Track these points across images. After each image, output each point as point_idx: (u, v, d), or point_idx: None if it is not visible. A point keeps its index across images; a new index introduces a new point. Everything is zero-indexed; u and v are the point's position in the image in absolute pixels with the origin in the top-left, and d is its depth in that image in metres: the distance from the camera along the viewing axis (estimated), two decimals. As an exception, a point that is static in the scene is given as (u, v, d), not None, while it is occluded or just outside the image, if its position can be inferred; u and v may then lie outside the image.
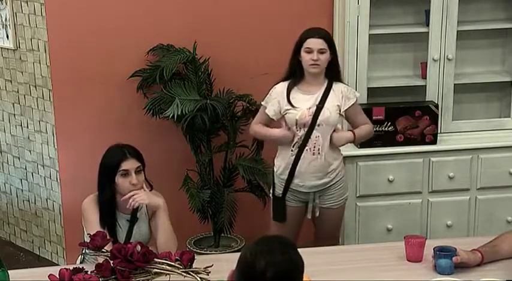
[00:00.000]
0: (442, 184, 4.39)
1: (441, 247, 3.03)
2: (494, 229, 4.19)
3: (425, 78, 4.42)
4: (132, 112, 4.51)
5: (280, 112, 3.81)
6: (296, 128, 3.77)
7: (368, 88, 4.37)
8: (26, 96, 4.78)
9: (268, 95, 3.87)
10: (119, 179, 3.22)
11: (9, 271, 2.76)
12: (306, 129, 3.75)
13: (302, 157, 3.78)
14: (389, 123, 4.31)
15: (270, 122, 3.89)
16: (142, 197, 3.21)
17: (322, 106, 3.76)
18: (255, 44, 4.54)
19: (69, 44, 4.43)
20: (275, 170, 3.91)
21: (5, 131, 5.02)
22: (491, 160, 4.39)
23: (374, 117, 4.28)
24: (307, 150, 3.78)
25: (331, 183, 3.85)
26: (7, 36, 4.75)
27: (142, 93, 4.45)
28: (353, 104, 3.83)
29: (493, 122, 4.57)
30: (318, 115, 3.74)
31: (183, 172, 4.44)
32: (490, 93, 4.71)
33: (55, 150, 4.64)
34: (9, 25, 4.69)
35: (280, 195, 3.88)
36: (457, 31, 4.34)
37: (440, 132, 4.41)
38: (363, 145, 4.29)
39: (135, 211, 3.31)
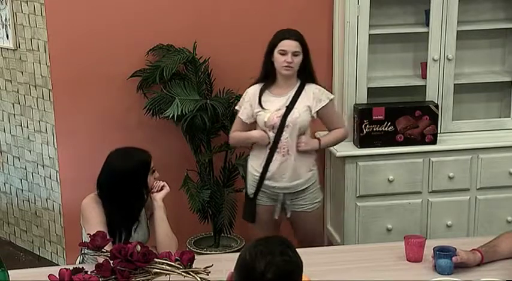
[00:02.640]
0: (442, 184, 4.38)
1: (441, 247, 3.03)
2: (494, 229, 4.19)
3: (425, 78, 4.42)
4: (132, 112, 4.51)
5: (252, 115, 3.82)
6: (266, 129, 3.78)
7: (368, 88, 4.37)
8: (26, 96, 4.78)
9: (241, 99, 3.90)
10: (149, 178, 3.28)
11: (9, 271, 2.76)
12: (275, 131, 3.76)
13: (273, 158, 3.79)
14: (389, 123, 4.31)
15: (246, 128, 3.89)
16: (166, 186, 3.32)
17: (292, 107, 3.76)
18: (255, 44, 4.51)
19: (69, 44, 4.43)
20: (248, 170, 3.92)
21: (5, 131, 5.03)
22: (491, 160, 4.39)
23: (374, 117, 4.28)
24: (277, 151, 3.78)
25: (303, 186, 3.85)
26: (7, 36, 4.75)
27: (142, 93, 4.45)
28: (325, 106, 3.82)
29: (493, 122, 4.57)
30: (287, 116, 3.75)
31: (183, 172, 4.44)
32: (490, 93, 4.71)
33: (55, 150, 4.64)
34: (9, 25, 4.69)
35: (252, 195, 3.89)
36: (457, 31, 4.34)
37: (440, 133, 4.41)
38: (362, 144, 4.29)
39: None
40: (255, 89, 3.84)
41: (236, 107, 3.93)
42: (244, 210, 3.97)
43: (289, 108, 3.76)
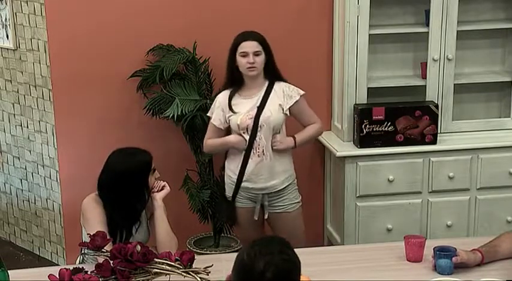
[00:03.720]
0: (442, 184, 4.38)
1: (441, 247, 3.03)
2: (494, 229, 4.19)
3: (425, 78, 4.42)
4: (132, 112, 4.51)
5: (226, 121, 3.83)
6: (241, 132, 3.78)
7: (368, 88, 4.36)
8: (26, 96, 4.78)
9: (212, 106, 3.91)
10: (150, 178, 3.28)
11: (9, 271, 2.76)
12: (249, 133, 3.76)
13: (249, 159, 3.80)
14: (389, 123, 4.31)
15: (220, 134, 3.89)
16: (167, 186, 3.33)
17: (263, 107, 3.77)
18: (255, 44, 4.53)
19: (69, 44, 4.43)
20: (226, 173, 3.93)
21: (5, 131, 5.03)
22: (491, 160, 4.38)
23: (374, 117, 4.28)
24: (253, 152, 3.79)
25: (281, 186, 3.85)
26: (7, 36, 4.75)
27: (142, 93, 4.45)
28: (296, 102, 3.83)
29: (493, 122, 4.57)
30: (259, 117, 3.75)
31: (183, 172, 4.44)
32: (490, 93, 4.71)
33: (55, 150, 4.64)
34: (9, 25, 4.69)
35: (230, 197, 3.90)
36: (457, 31, 4.34)
37: (440, 133, 4.41)
38: (362, 144, 4.29)
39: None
40: (225, 94, 3.86)
41: (208, 114, 3.94)
42: (224, 214, 4.00)
43: (260, 108, 3.77)
